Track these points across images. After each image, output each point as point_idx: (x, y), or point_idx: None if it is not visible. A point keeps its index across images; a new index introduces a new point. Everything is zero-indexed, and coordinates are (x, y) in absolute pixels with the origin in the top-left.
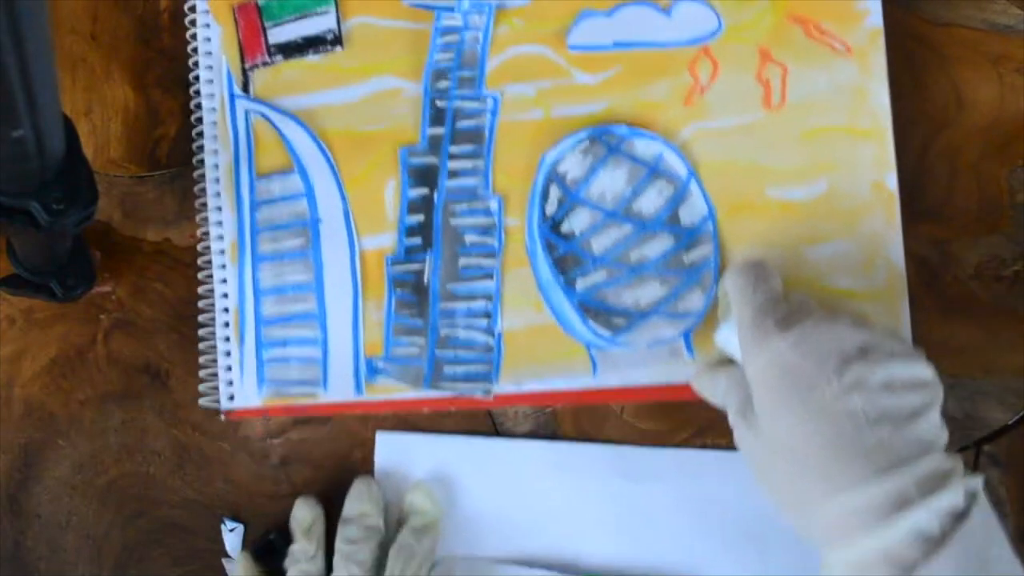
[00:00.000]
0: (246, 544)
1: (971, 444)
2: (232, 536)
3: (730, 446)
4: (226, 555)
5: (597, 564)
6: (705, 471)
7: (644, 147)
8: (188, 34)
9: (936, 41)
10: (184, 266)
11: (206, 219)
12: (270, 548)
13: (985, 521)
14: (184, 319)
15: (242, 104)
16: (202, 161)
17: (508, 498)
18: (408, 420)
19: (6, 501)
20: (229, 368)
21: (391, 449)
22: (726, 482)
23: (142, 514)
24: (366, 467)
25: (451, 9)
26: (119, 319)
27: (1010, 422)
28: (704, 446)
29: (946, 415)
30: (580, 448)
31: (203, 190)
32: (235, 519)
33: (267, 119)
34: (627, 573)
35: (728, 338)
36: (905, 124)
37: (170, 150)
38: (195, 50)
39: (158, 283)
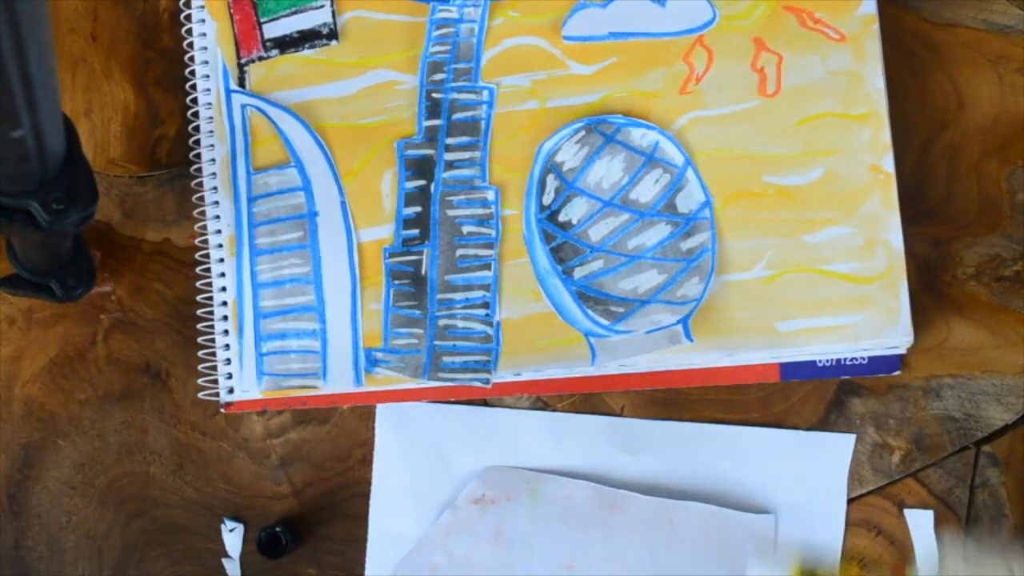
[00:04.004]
0: (251, 536)
1: (971, 444)
2: (232, 536)
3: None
4: (226, 555)
5: None
6: (700, 445)
7: (640, 136)
8: (183, 30)
9: (936, 41)
10: (184, 266)
11: (204, 213)
12: (276, 540)
13: None
14: (184, 319)
15: (238, 99)
16: (199, 156)
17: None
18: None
19: (6, 501)
20: (228, 361)
21: (392, 420)
22: (721, 454)
23: (142, 514)
24: (366, 467)
25: (446, 1)
26: (119, 319)
27: (1010, 422)
28: None
29: (946, 415)
30: (578, 419)
31: (201, 185)
32: (235, 519)
33: (263, 113)
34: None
35: None
36: (905, 124)
37: (170, 150)
38: (191, 46)
39: (158, 283)
